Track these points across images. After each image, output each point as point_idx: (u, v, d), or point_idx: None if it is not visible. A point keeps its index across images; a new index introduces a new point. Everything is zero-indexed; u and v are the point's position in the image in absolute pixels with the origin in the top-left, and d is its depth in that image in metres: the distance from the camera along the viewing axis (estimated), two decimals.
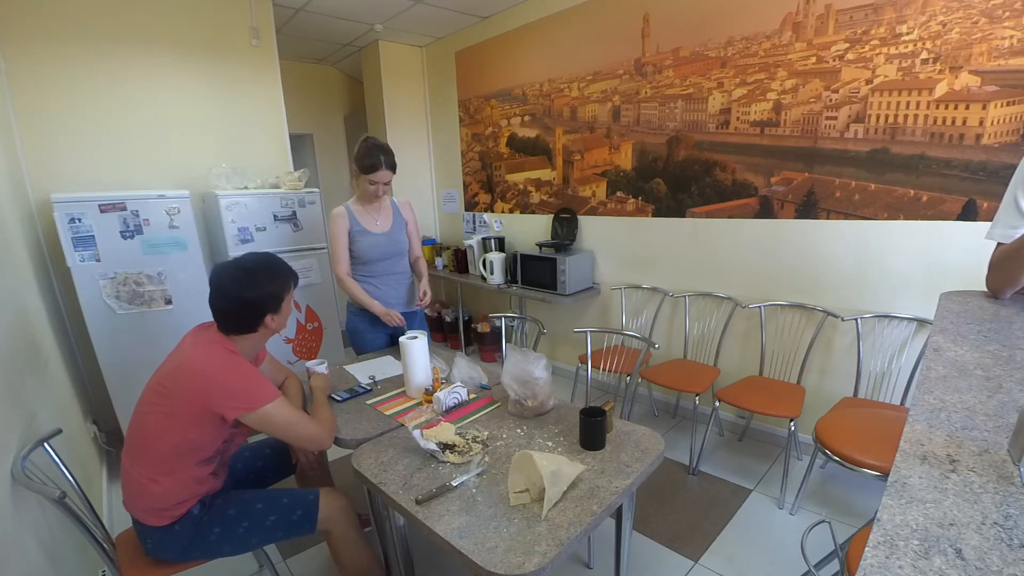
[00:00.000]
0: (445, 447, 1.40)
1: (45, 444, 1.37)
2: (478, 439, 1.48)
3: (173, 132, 2.90)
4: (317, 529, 1.48)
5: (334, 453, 2.41)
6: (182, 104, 2.92)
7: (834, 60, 2.23)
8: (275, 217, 2.91)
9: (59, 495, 1.17)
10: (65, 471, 1.42)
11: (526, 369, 1.60)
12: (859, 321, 2.30)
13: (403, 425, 1.62)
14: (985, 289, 1.22)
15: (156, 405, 1.33)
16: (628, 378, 2.64)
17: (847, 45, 2.18)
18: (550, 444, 1.46)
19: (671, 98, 2.81)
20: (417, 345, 1.79)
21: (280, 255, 2.85)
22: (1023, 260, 1.05)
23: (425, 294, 2.38)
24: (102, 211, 2.36)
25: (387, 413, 1.71)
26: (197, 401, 1.30)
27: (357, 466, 1.38)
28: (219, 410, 1.31)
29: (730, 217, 2.68)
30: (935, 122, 2.01)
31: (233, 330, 1.42)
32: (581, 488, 1.23)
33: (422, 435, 1.44)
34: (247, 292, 1.39)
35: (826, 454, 1.75)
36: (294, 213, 2.98)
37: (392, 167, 2.15)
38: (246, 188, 2.89)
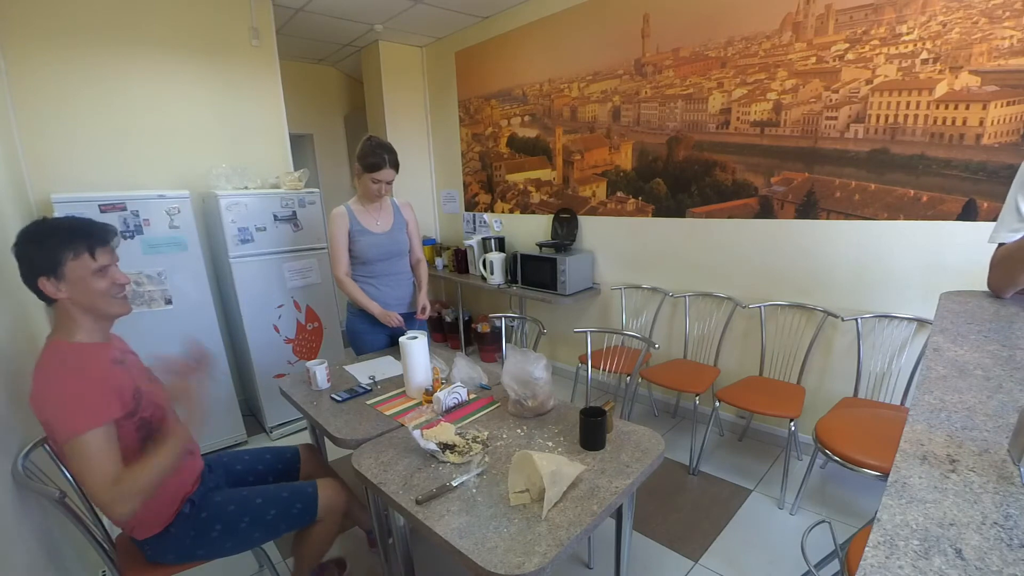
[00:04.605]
0: (445, 447, 1.40)
1: (46, 444, 1.37)
2: (478, 439, 1.48)
3: (173, 132, 2.90)
4: (318, 519, 1.50)
5: (334, 453, 2.43)
6: (182, 104, 2.92)
7: (834, 60, 2.22)
8: (275, 217, 2.91)
9: (59, 495, 1.17)
10: (65, 471, 1.42)
11: (526, 369, 1.60)
12: (859, 321, 2.30)
13: (403, 425, 1.62)
14: (985, 289, 1.22)
15: (44, 430, 1.20)
16: (628, 378, 2.64)
17: (847, 45, 2.18)
18: (550, 444, 1.46)
19: (671, 98, 2.81)
20: (417, 345, 1.79)
21: (280, 255, 2.92)
22: (1022, 260, 1.06)
23: (424, 310, 2.37)
24: (102, 211, 2.36)
25: (387, 413, 1.71)
26: (40, 419, 1.16)
27: (357, 466, 1.38)
28: (50, 436, 1.13)
29: (730, 217, 2.68)
30: (935, 122, 2.01)
31: (40, 299, 1.23)
32: (581, 488, 1.23)
33: (422, 435, 1.44)
34: (19, 246, 1.19)
35: (826, 454, 1.75)
36: (294, 213, 2.98)
37: (395, 166, 2.15)
38: (246, 188, 2.88)
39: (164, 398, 1.39)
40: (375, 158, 2.10)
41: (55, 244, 1.19)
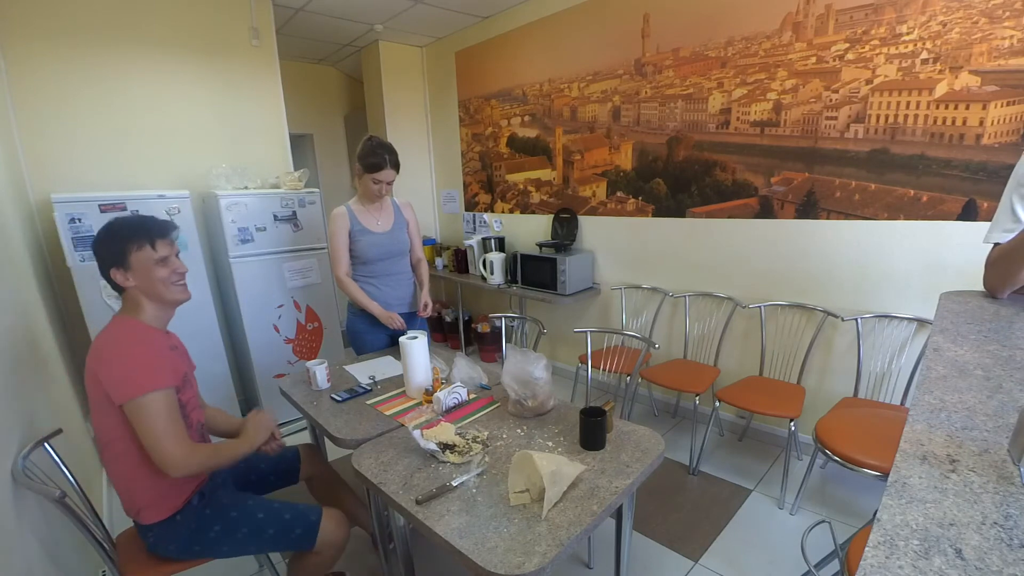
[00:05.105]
0: (445, 447, 1.40)
1: (45, 444, 1.37)
2: (478, 439, 1.48)
3: (173, 132, 2.90)
4: (315, 549, 1.48)
5: (334, 453, 2.43)
6: (182, 104, 2.92)
7: (834, 60, 2.22)
8: (275, 217, 2.91)
9: (59, 495, 1.17)
10: (65, 471, 1.42)
11: (526, 369, 1.60)
12: (859, 321, 2.30)
13: (403, 425, 1.62)
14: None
15: (91, 394, 1.30)
16: (628, 378, 2.64)
17: (847, 45, 2.18)
18: (550, 444, 1.46)
19: (671, 98, 2.81)
20: (417, 345, 1.79)
21: (280, 255, 2.92)
22: (1017, 258, 1.06)
23: (427, 307, 2.38)
24: (102, 211, 2.36)
25: (387, 413, 1.71)
26: (97, 386, 1.26)
27: (357, 466, 1.38)
28: (110, 393, 1.25)
29: (730, 217, 2.68)
30: (935, 122, 2.01)
31: (114, 288, 1.38)
32: (581, 488, 1.23)
33: (422, 435, 1.44)
34: (94, 244, 1.36)
35: (826, 454, 1.75)
36: (294, 213, 2.98)
37: (396, 166, 2.16)
38: (246, 188, 2.88)
39: (197, 390, 1.56)
40: (376, 158, 2.10)
41: (121, 238, 1.35)
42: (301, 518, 1.48)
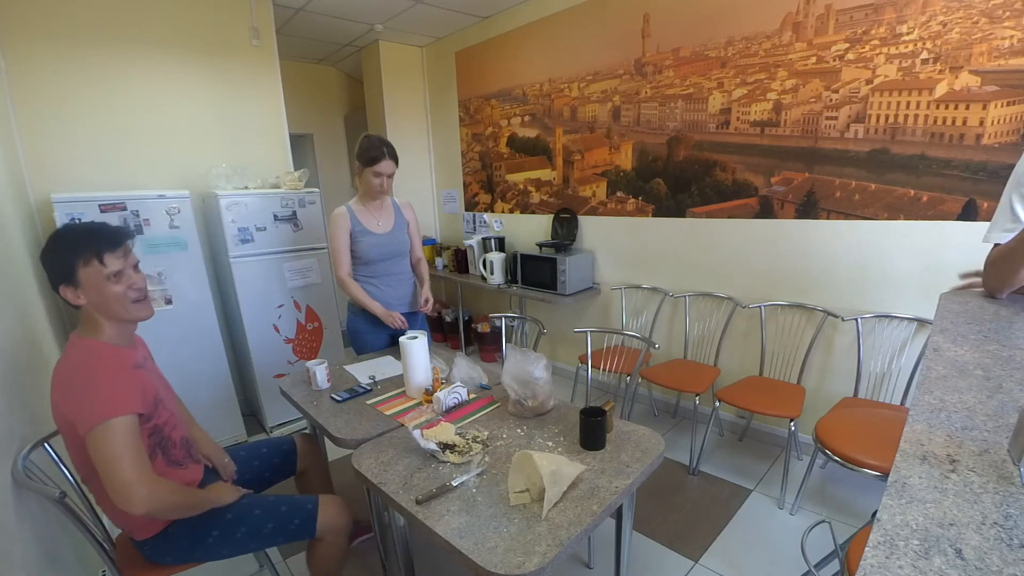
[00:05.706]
0: (445, 447, 1.40)
1: (45, 444, 1.37)
2: (478, 439, 1.48)
3: (173, 132, 2.89)
4: (316, 536, 1.48)
5: (334, 453, 2.43)
6: (182, 104, 2.91)
7: (834, 60, 2.22)
8: (275, 217, 2.91)
9: (59, 495, 1.17)
10: (65, 471, 1.42)
11: (526, 369, 1.60)
12: (859, 321, 2.30)
13: (403, 425, 1.62)
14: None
15: (58, 427, 1.22)
16: (628, 378, 2.64)
17: (847, 45, 2.18)
18: (550, 444, 1.46)
19: (671, 98, 2.81)
20: (417, 345, 1.79)
21: (280, 255, 2.92)
22: (1016, 258, 1.06)
23: (427, 302, 2.39)
24: (102, 211, 2.36)
25: (387, 413, 1.71)
26: (61, 419, 1.19)
27: (357, 466, 1.38)
28: (76, 428, 1.15)
29: (730, 217, 2.68)
30: (935, 122, 2.01)
31: (68, 305, 1.25)
32: (581, 488, 1.23)
33: (422, 435, 1.44)
34: (41, 258, 1.22)
35: (826, 454, 1.75)
36: (294, 213, 2.98)
37: (394, 158, 2.17)
38: (246, 188, 2.88)
39: (176, 406, 1.45)
40: (374, 151, 2.11)
41: (65, 252, 1.20)
42: (298, 508, 1.48)
